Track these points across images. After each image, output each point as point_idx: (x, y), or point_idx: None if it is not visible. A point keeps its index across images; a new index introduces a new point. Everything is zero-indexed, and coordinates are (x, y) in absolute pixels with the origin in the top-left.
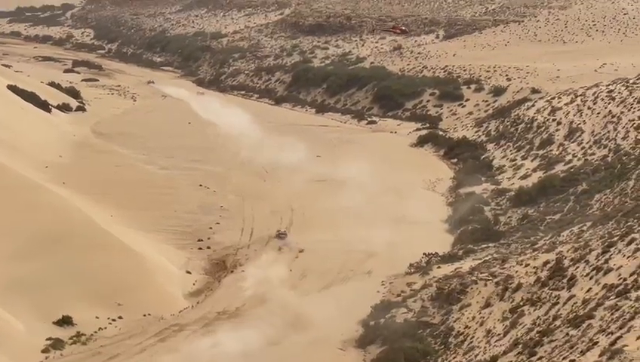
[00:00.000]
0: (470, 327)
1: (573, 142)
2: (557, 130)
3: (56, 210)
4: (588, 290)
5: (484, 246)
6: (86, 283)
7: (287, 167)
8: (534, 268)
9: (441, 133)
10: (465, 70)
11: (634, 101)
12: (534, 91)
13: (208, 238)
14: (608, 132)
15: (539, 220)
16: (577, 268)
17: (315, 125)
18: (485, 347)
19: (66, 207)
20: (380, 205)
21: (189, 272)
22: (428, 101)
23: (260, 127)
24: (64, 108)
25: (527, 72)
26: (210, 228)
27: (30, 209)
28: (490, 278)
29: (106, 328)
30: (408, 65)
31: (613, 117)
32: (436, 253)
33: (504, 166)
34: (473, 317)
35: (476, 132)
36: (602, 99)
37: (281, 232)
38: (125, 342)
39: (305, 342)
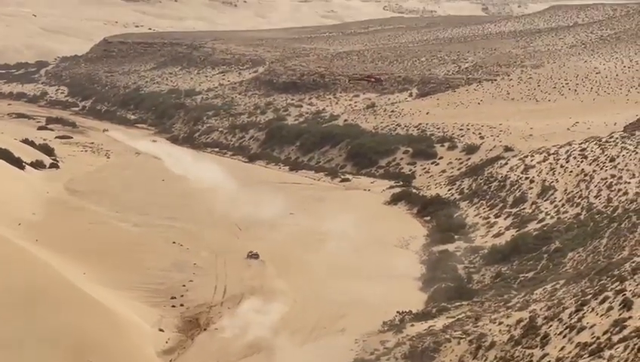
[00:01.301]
0: None
1: (546, 201)
2: (530, 189)
3: (28, 268)
4: (561, 349)
5: (457, 304)
6: (58, 340)
7: (261, 224)
8: (508, 326)
9: (414, 191)
10: (438, 128)
11: (606, 159)
12: (507, 149)
13: (181, 296)
14: (581, 190)
15: (512, 278)
16: (551, 326)
17: (288, 182)
18: None
19: (39, 265)
20: (353, 263)
21: (161, 330)
22: (401, 159)
23: (233, 184)
24: (38, 165)
25: (501, 130)
26: (184, 285)
27: (1, 266)
28: (464, 336)
29: None
30: (382, 122)
31: (585, 175)
32: (410, 310)
33: (477, 224)
34: None
35: (449, 190)
36: (575, 158)
37: (253, 253)
38: None
39: None
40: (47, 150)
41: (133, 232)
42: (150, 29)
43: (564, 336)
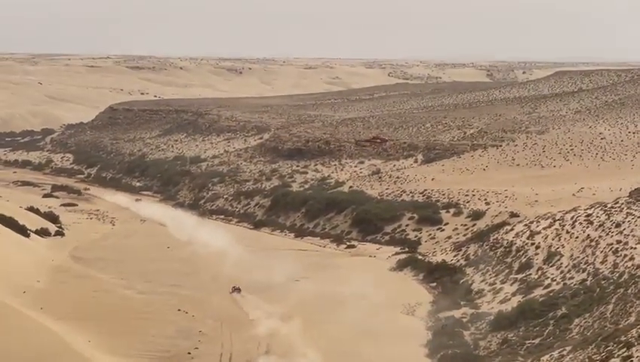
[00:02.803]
0: None
1: (552, 267)
2: (536, 254)
3: (33, 335)
4: None
5: None
6: None
7: (266, 291)
8: None
9: (420, 257)
10: (444, 194)
11: (612, 225)
12: (513, 215)
13: None
14: (587, 256)
15: (519, 344)
16: None
17: (294, 249)
18: None
19: (44, 332)
20: (359, 329)
21: None
22: (407, 225)
23: (239, 252)
24: (43, 233)
25: (506, 196)
26: (189, 353)
27: (6, 334)
28: None
29: None
30: (387, 189)
31: (591, 241)
32: None
33: (483, 290)
34: None
35: (455, 256)
36: (580, 223)
37: (236, 288)
38: None
39: None
40: (53, 218)
41: (138, 299)
42: (156, 96)
43: None
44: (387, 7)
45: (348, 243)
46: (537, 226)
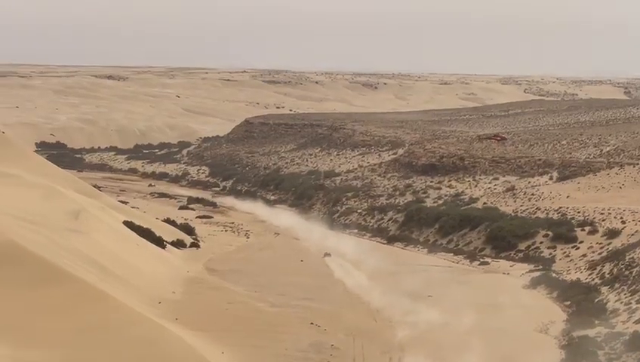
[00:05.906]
0: None
1: None
2: None
3: (168, 346)
4: None
5: None
6: None
7: (399, 307)
8: None
9: (554, 275)
10: (579, 212)
11: None
12: None
13: None
14: None
15: None
16: None
17: (427, 265)
18: None
19: (178, 343)
20: (490, 346)
21: None
22: (541, 242)
23: (371, 266)
24: (178, 244)
25: None
26: None
27: (142, 344)
28: None
29: None
30: (521, 206)
31: None
32: None
33: (618, 309)
34: None
35: (590, 274)
36: None
37: (327, 253)
38: None
39: None
40: (188, 229)
41: (271, 312)
42: (291, 110)
43: None
44: (524, 25)
45: (481, 260)
46: None
